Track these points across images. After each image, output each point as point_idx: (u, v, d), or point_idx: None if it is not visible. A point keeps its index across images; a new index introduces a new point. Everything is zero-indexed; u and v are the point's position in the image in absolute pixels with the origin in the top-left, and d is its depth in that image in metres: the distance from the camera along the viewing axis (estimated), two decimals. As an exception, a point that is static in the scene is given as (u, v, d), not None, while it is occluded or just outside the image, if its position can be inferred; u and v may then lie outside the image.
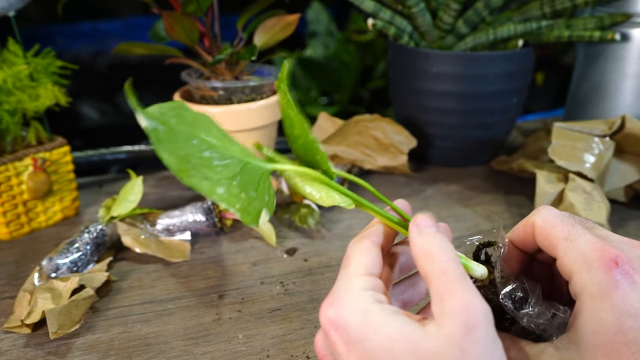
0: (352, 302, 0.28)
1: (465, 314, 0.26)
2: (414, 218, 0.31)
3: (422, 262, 0.29)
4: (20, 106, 0.58)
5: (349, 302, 0.28)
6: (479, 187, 0.71)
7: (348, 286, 0.29)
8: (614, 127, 0.60)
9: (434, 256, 0.28)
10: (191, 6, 0.60)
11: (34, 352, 0.43)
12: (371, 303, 0.28)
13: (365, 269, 0.30)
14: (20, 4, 0.57)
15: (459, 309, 0.26)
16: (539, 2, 0.68)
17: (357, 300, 0.28)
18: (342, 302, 0.28)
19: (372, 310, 0.28)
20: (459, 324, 0.26)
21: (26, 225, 0.60)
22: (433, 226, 0.30)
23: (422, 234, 0.30)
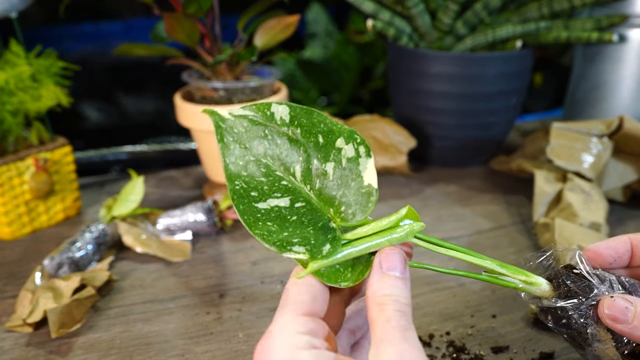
0: (284, 349, 0.27)
1: None
2: (380, 253, 0.30)
3: (372, 307, 0.28)
4: (22, 107, 0.58)
5: (281, 348, 0.27)
6: (478, 187, 0.72)
7: (284, 330, 0.27)
8: (612, 127, 0.61)
9: (385, 305, 0.27)
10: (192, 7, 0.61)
11: (36, 351, 0.44)
12: (304, 349, 0.27)
13: (302, 309, 0.28)
14: (22, 5, 0.58)
15: (396, 356, 0.25)
16: (538, 3, 0.69)
17: (290, 347, 0.27)
18: (274, 348, 0.27)
19: (300, 356, 0.26)
20: None
21: (28, 224, 0.60)
22: (397, 269, 0.29)
23: (382, 277, 0.29)
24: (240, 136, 0.33)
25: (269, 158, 0.33)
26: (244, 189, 0.31)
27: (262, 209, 0.31)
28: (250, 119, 0.33)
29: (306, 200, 0.32)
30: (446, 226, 0.62)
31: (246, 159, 0.32)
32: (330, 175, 0.33)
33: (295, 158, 0.33)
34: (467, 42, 0.71)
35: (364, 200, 0.32)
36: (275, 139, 0.33)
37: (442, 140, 0.75)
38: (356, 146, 0.33)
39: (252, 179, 0.32)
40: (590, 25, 0.69)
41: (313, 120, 0.33)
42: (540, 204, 0.59)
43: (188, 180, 0.75)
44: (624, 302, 0.30)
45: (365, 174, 0.32)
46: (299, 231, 0.31)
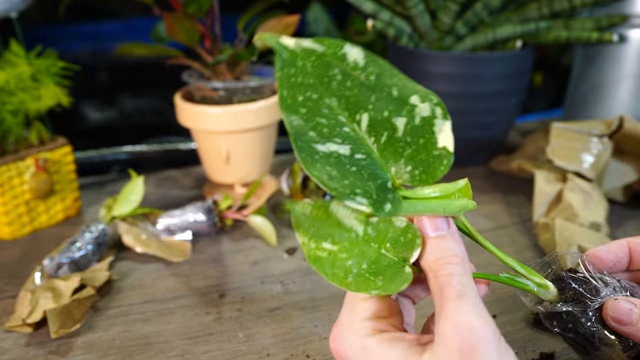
0: (352, 338, 0.28)
1: (458, 338, 0.24)
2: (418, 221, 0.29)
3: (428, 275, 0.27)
4: (22, 107, 0.58)
5: (349, 338, 0.28)
6: (478, 186, 0.72)
7: (350, 319, 0.29)
8: (612, 127, 0.61)
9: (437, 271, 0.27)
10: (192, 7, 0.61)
11: (35, 351, 0.44)
12: (370, 336, 0.27)
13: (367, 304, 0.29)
14: (22, 5, 0.58)
15: (452, 332, 0.24)
16: (538, 3, 0.69)
17: (356, 336, 0.28)
18: (343, 338, 0.29)
19: (370, 346, 0.27)
20: (452, 350, 0.24)
21: (28, 224, 0.60)
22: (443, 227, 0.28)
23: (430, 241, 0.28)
24: (304, 70, 0.29)
25: (334, 99, 0.30)
26: (301, 127, 0.28)
27: (321, 151, 0.28)
28: (319, 54, 0.30)
29: (367, 153, 0.29)
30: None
31: (307, 95, 0.29)
32: (400, 131, 0.30)
33: (364, 106, 0.30)
34: (467, 42, 0.71)
35: (435, 163, 0.29)
36: (344, 81, 0.30)
37: (442, 140, 0.75)
38: (432, 106, 0.31)
39: (311, 117, 0.29)
40: (590, 25, 0.69)
41: (387, 71, 0.31)
42: (540, 204, 0.59)
43: (188, 180, 0.75)
44: (628, 304, 0.30)
45: (440, 136, 0.30)
46: (359, 183, 0.28)
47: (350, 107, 0.30)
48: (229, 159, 0.66)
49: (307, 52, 0.30)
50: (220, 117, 0.63)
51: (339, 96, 0.30)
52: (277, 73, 0.29)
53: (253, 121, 0.64)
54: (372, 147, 0.30)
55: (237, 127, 0.64)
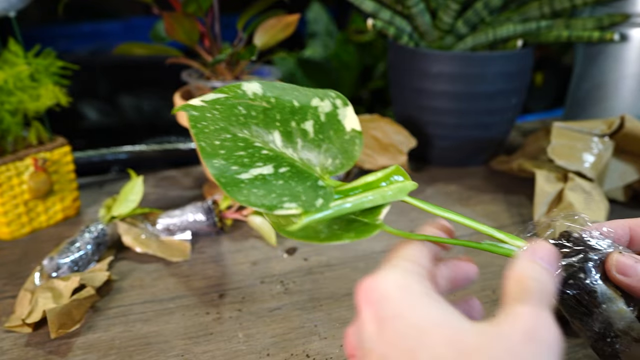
0: (394, 276, 0.26)
1: (532, 321, 0.23)
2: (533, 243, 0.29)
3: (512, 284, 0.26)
4: (21, 106, 0.58)
5: (391, 275, 0.26)
6: (478, 186, 0.72)
7: (395, 262, 0.27)
8: (613, 127, 0.61)
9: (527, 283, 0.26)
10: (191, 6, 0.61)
11: (35, 351, 0.44)
12: (415, 282, 0.26)
13: (414, 257, 0.28)
14: (21, 4, 0.58)
15: (529, 315, 0.23)
16: (538, 2, 0.69)
17: (400, 276, 0.26)
18: (382, 275, 0.26)
19: (414, 288, 0.25)
20: (521, 328, 0.23)
21: (27, 225, 0.60)
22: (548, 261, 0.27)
23: (532, 262, 0.27)
24: (214, 118, 0.33)
25: (245, 131, 0.33)
26: (223, 166, 0.31)
27: (245, 179, 0.31)
28: (222, 100, 0.34)
29: (290, 164, 0.32)
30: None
31: (222, 138, 0.32)
32: (311, 133, 0.33)
33: (272, 126, 0.33)
34: (467, 41, 0.71)
35: (350, 147, 0.32)
36: (249, 112, 0.34)
37: (442, 140, 0.75)
38: (332, 100, 0.34)
39: (230, 154, 0.32)
40: (592, 25, 0.69)
41: (286, 89, 0.34)
42: (541, 204, 0.59)
43: (188, 180, 0.74)
44: (632, 258, 0.30)
45: (345, 122, 0.33)
46: (287, 192, 0.30)
47: (261, 132, 0.33)
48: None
49: (212, 103, 0.34)
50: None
51: (249, 127, 0.33)
52: (193, 130, 0.32)
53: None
54: (292, 157, 0.33)
55: (237, 127, 0.64)
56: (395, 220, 0.63)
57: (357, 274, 0.53)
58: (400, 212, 0.65)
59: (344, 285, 0.51)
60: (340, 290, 0.51)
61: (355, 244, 0.58)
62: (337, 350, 0.43)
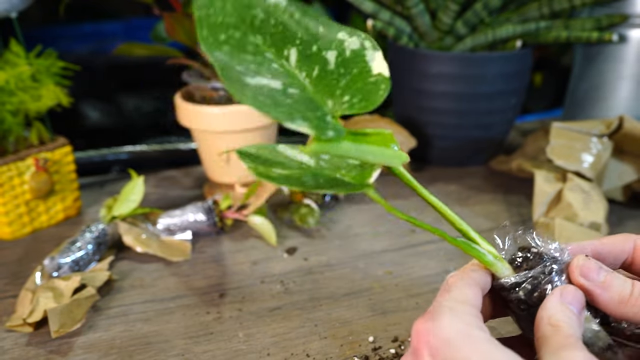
0: (454, 321, 0.26)
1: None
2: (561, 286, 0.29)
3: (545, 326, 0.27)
4: (22, 107, 0.58)
5: (451, 320, 0.26)
6: (478, 186, 0.72)
7: (451, 306, 0.27)
8: (612, 127, 0.61)
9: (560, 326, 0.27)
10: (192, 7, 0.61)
11: (36, 350, 0.44)
12: (475, 328, 0.26)
13: (469, 300, 0.28)
14: (22, 5, 0.58)
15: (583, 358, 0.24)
16: (538, 3, 0.69)
17: (460, 322, 0.26)
18: (441, 319, 0.26)
19: (475, 335, 0.25)
20: None
21: (28, 224, 0.60)
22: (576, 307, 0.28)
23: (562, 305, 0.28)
24: (224, 10, 0.28)
25: (259, 37, 0.29)
26: (227, 62, 0.27)
27: (251, 84, 0.27)
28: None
29: (300, 87, 0.29)
30: (446, 226, 0.62)
31: (229, 33, 0.28)
32: (332, 64, 0.30)
33: (291, 41, 0.30)
34: (467, 42, 0.71)
35: (373, 89, 0.29)
36: (268, 20, 0.29)
37: (442, 140, 0.75)
38: (361, 39, 0.31)
39: (236, 54, 0.28)
40: (590, 25, 0.69)
41: (309, 11, 0.31)
42: (540, 204, 0.59)
43: (188, 180, 0.75)
44: (596, 263, 0.30)
45: (373, 64, 0.30)
46: (297, 111, 0.27)
47: (277, 44, 0.29)
48: (229, 159, 0.66)
49: None
50: (220, 117, 0.63)
51: (263, 34, 0.29)
52: (196, 13, 0.28)
53: (253, 121, 0.65)
54: (304, 82, 0.29)
55: (237, 127, 0.64)
56: (395, 219, 0.63)
57: (357, 274, 0.53)
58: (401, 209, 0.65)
59: (344, 285, 0.52)
60: (340, 290, 0.51)
61: (355, 243, 0.58)
62: (337, 350, 0.43)
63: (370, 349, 0.43)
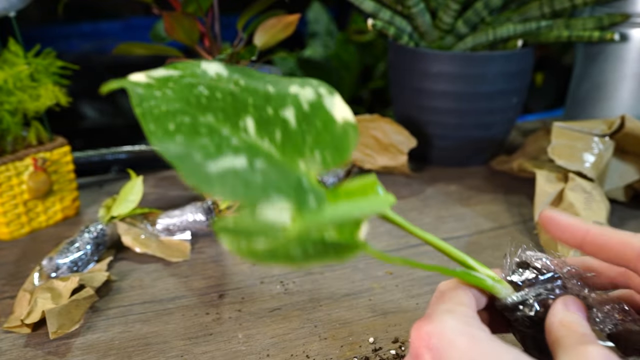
0: (454, 322, 0.25)
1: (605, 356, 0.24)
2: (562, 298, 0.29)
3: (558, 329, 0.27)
4: (21, 106, 0.58)
5: (451, 321, 0.25)
6: (478, 186, 0.71)
7: (449, 308, 0.26)
8: (614, 126, 0.60)
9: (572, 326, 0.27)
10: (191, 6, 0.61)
11: (34, 351, 0.43)
12: (476, 328, 0.25)
13: (465, 302, 0.28)
14: (21, 4, 0.58)
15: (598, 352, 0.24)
16: (539, 2, 0.69)
17: (459, 322, 0.25)
18: (441, 320, 0.25)
19: (477, 334, 0.25)
20: None
21: (26, 225, 0.60)
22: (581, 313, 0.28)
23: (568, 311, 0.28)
24: (166, 97, 0.27)
25: (209, 115, 0.27)
26: (182, 152, 0.25)
27: (213, 172, 0.25)
28: (176, 78, 0.28)
29: (267, 157, 0.27)
30: (447, 226, 0.62)
31: (178, 121, 0.26)
32: (292, 122, 0.28)
33: (243, 110, 0.27)
34: (467, 41, 0.71)
35: (342, 139, 0.27)
36: (213, 94, 0.28)
37: (442, 140, 0.75)
38: (315, 88, 0.29)
39: (190, 141, 0.26)
40: (592, 25, 0.69)
41: (254, 74, 0.29)
42: (541, 204, 0.58)
43: (187, 180, 0.74)
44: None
45: (335, 111, 0.28)
46: (271, 186, 0.25)
47: (230, 117, 0.27)
48: (229, 159, 0.66)
49: (162, 80, 0.28)
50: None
51: (213, 111, 0.27)
52: (137, 110, 0.26)
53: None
54: (269, 150, 0.27)
55: (236, 127, 0.64)
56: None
57: (357, 274, 0.53)
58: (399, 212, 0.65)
59: (344, 285, 0.51)
60: (340, 290, 0.51)
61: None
62: (337, 350, 0.43)
63: (371, 350, 0.43)
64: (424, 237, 0.30)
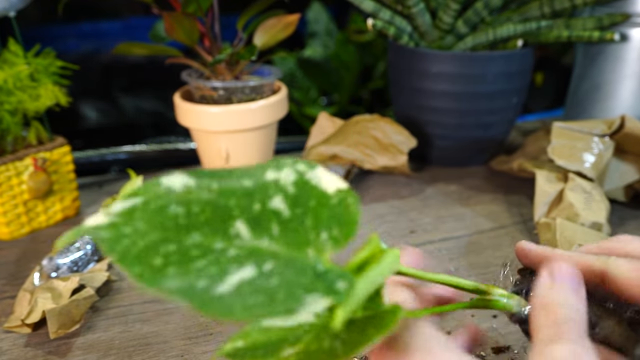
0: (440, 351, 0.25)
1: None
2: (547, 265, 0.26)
3: (538, 312, 0.25)
4: (20, 106, 0.58)
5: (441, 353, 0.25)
6: (478, 186, 0.71)
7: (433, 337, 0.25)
8: (614, 126, 0.60)
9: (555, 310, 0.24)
10: (191, 6, 0.61)
11: (34, 351, 0.43)
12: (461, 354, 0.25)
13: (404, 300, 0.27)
14: (20, 4, 0.58)
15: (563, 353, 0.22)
16: (539, 2, 0.69)
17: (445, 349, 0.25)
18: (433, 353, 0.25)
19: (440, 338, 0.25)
20: None
21: (26, 225, 0.60)
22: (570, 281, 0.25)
23: (553, 284, 0.25)
24: (139, 232, 0.23)
25: (194, 233, 0.24)
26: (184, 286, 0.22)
27: (225, 293, 0.22)
28: (140, 206, 0.24)
29: (273, 256, 0.24)
30: (447, 226, 0.62)
31: (162, 253, 0.23)
32: (284, 211, 0.25)
33: (230, 215, 0.25)
34: (467, 41, 0.71)
35: (343, 209, 0.26)
36: (190, 209, 0.24)
37: (442, 140, 0.75)
38: (292, 166, 0.27)
39: (185, 270, 0.22)
40: (592, 25, 0.69)
41: (220, 173, 0.26)
42: (541, 204, 0.58)
43: (187, 180, 0.74)
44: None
45: (323, 184, 0.26)
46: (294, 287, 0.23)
47: (218, 228, 0.24)
48: (229, 159, 0.66)
49: (126, 214, 0.24)
50: (219, 117, 0.63)
51: (197, 227, 0.24)
52: (114, 257, 0.23)
53: (253, 121, 0.64)
54: (273, 248, 0.24)
55: (236, 127, 0.64)
56: (395, 220, 0.63)
57: (357, 274, 0.53)
58: (399, 212, 0.65)
59: (344, 285, 0.51)
60: (340, 291, 0.50)
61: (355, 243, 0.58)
62: (337, 350, 0.43)
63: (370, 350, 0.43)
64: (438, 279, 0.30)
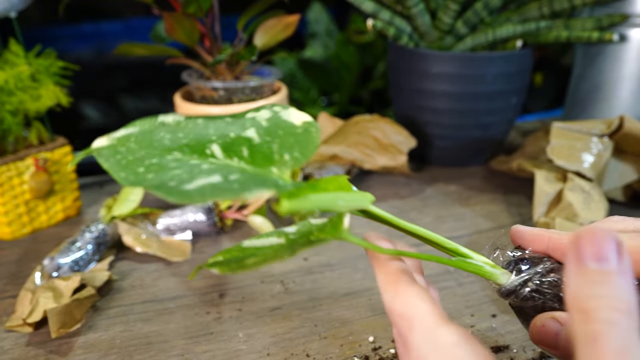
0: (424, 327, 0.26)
1: None
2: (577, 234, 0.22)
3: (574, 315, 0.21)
4: (22, 106, 0.58)
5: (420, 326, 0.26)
6: (478, 186, 0.72)
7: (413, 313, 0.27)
8: (613, 127, 0.61)
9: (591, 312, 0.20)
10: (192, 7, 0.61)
11: (36, 350, 0.44)
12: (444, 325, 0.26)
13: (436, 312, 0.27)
14: (21, 5, 0.58)
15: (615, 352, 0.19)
16: (538, 2, 0.69)
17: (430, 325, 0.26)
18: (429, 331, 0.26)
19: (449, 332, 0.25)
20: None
21: (28, 224, 0.60)
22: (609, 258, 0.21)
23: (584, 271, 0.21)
24: (130, 150, 0.29)
25: (176, 152, 0.29)
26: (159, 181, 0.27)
27: (191, 189, 0.26)
28: (136, 134, 0.30)
29: (240, 171, 0.28)
30: (446, 226, 0.62)
31: (146, 164, 0.28)
32: (256, 138, 0.30)
33: (207, 140, 0.30)
34: (467, 41, 0.71)
35: (306, 136, 0.29)
36: (176, 135, 0.30)
37: (442, 140, 0.75)
38: (269, 108, 0.31)
39: (162, 174, 0.27)
40: (591, 25, 0.69)
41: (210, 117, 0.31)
42: (540, 204, 0.59)
43: (188, 180, 0.74)
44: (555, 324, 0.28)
45: (292, 119, 0.30)
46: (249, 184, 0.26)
47: (196, 149, 0.29)
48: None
49: (123, 139, 0.30)
50: (220, 117, 0.63)
51: (179, 148, 0.29)
52: (105, 165, 0.28)
53: (253, 121, 0.64)
54: (240, 166, 0.29)
55: (237, 127, 0.64)
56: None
57: (357, 274, 0.53)
58: (399, 212, 0.65)
59: (344, 285, 0.51)
60: (340, 290, 0.51)
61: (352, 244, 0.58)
62: (337, 350, 0.43)
63: (371, 349, 0.43)
64: (411, 228, 0.31)
